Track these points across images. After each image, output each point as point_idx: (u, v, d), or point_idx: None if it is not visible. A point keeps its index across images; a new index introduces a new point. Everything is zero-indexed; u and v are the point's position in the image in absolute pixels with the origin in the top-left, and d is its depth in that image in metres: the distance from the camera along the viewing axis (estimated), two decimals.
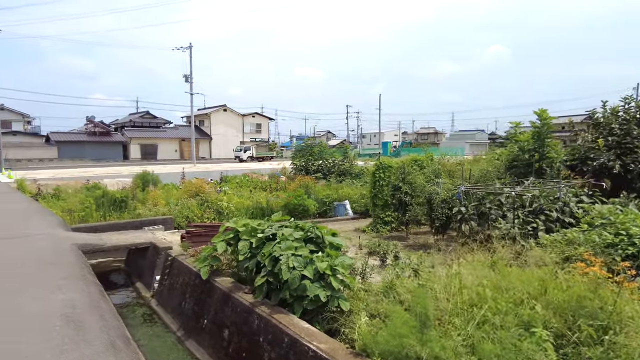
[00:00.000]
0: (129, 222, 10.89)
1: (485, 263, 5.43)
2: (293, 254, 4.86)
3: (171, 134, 57.47)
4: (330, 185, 19.07)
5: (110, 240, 8.41)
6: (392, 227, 11.63)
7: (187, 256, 7.20)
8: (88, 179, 22.27)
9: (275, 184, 23.07)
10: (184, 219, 11.97)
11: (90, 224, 10.42)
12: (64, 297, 4.75)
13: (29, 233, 8.38)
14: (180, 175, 26.53)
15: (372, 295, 5.34)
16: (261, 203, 15.30)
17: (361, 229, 11.92)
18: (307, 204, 14.18)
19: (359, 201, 15.96)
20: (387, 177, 11.56)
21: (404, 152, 70.32)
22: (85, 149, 49.35)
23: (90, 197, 12.95)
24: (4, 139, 42.89)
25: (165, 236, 9.42)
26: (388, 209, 11.65)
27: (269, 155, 58.21)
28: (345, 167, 25.25)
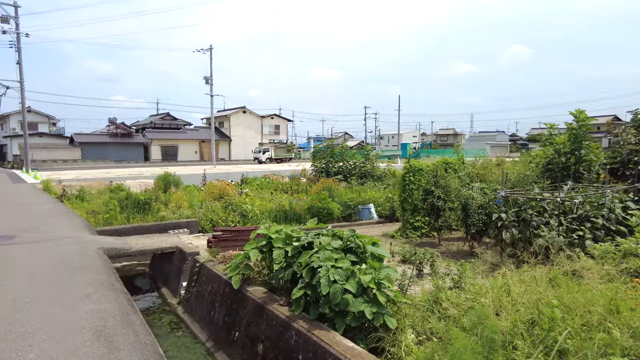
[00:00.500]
0: (154, 225, 10.74)
1: (542, 277, 4.99)
2: (333, 265, 4.52)
3: (191, 135, 57.93)
4: (352, 188, 18.71)
5: (136, 244, 8.23)
6: (422, 233, 11.20)
7: (216, 263, 6.94)
8: (111, 180, 22.45)
9: (296, 186, 22.85)
10: (208, 222, 11.78)
11: (115, 227, 10.29)
12: (93, 307, 4.52)
13: (56, 236, 8.26)
14: (202, 176, 26.59)
15: (414, 309, 4.98)
16: (284, 206, 15.04)
17: (389, 234, 11.51)
18: (332, 207, 13.85)
19: (384, 205, 15.56)
20: (417, 180, 11.14)
21: (423, 154, 69.36)
22: (108, 150, 50.10)
23: (115, 199, 12.89)
24: (31, 141, 43.85)
25: (191, 240, 9.20)
26: (418, 214, 11.22)
27: (287, 156, 58.13)
28: (367, 169, 24.82)
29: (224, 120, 61.19)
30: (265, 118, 64.71)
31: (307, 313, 4.68)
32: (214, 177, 27.29)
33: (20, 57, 35.23)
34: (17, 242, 7.77)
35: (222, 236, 8.33)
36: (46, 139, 49.89)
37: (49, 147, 47.13)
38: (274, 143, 62.63)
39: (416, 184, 11.10)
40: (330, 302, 4.31)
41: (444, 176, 10.28)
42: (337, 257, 4.67)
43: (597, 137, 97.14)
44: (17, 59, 35.39)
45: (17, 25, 35.30)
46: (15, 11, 35.00)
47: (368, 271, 4.48)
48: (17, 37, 35.20)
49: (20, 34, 35.32)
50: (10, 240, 7.86)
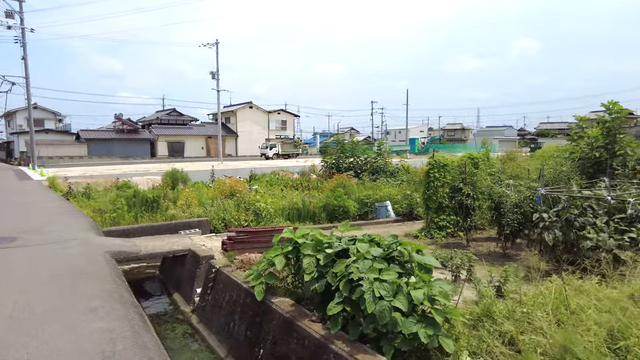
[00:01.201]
0: (163, 224, 10.17)
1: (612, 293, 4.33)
2: (377, 278, 3.89)
3: (197, 131, 57.43)
4: (365, 184, 18.07)
5: (146, 246, 7.65)
6: (447, 233, 10.54)
7: (234, 268, 6.33)
8: (118, 177, 21.95)
9: (307, 182, 22.22)
10: (220, 222, 11.19)
11: (123, 227, 9.73)
12: (100, 325, 3.92)
13: (60, 238, 7.70)
14: (210, 173, 26.03)
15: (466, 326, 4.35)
16: (297, 204, 14.43)
17: (412, 234, 10.86)
18: (348, 205, 13.23)
19: (401, 202, 14.90)
20: (442, 177, 10.46)
21: (432, 149, 68.62)
22: (114, 147, 49.72)
23: (122, 197, 12.33)
24: (37, 137, 43.54)
25: (204, 241, 8.61)
26: (443, 213, 10.56)
27: (294, 152, 57.51)
28: (379, 164, 24.14)
29: (231, 115, 60.61)
30: (272, 113, 64.04)
31: (345, 332, 4.06)
32: (222, 174, 26.74)
33: (26, 52, 34.75)
34: (19, 245, 7.21)
35: (238, 238, 7.73)
36: (52, 136, 49.60)
37: (55, 144, 46.82)
38: (281, 138, 61.96)
39: (441, 180, 10.42)
40: (376, 322, 3.69)
41: (473, 172, 9.60)
42: (381, 267, 4.04)
43: None
44: (22, 54, 34.89)
45: (22, 20, 34.79)
46: (20, 6, 34.50)
47: (418, 285, 3.85)
48: (22, 32, 34.72)
49: (25, 29, 34.82)
50: (12, 243, 7.31)
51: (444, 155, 11.29)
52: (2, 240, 7.54)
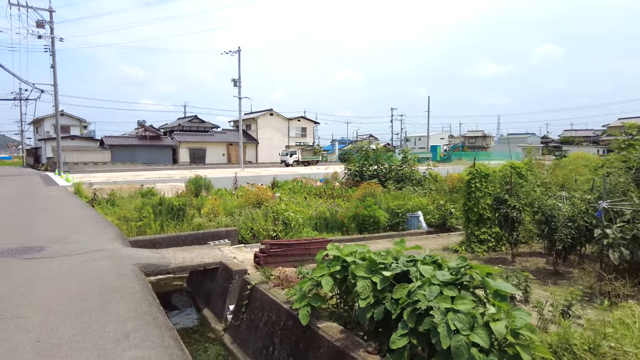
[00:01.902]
0: (191, 234, 9.82)
1: None
2: (450, 308, 3.37)
3: (219, 138, 57.74)
4: (390, 193, 17.47)
5: (175, 258, 7.28)
6: (489, 247, 9.90)
7: (271, 285, 5.89)
8: (142, 183, 21.92)
9: (331, 190, 21.77)
10: (248, 231, 10.80)
11: (150, 237, 9.42)
12: (135, 354, 3.52)
13: (88, 248, 7.42)
14: (232, 180, 25.84)
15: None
16: (324, 213, 13.97)
17: (450, 247, 10.26)
18: (378, 215, 12.69)
19: (433, 212, 14.29)
20: (484, 187, 9.85)
21: (455, 157, 67.15)
22: (137, 153, 50.30)
23: (148, 205, 12.09)
24: (64, 143, 44.36)
25: (234, 253, 8.21)
26: (484, 225, 9.93)
27: (314, 159, 57.21)
28: (405, 172, 23.51)
29: (251, 122, 60.80)
30: (292, 120, 64.01)
31: None
32: (244, 181, 26.52)
33: (55, 61, 35.50)
34: (47, 255, 6.93)
35: (271, 251, 7.30)
36: (78, 142, 50.51)
37: (80, 150, 47.64)
38: (300, 146, 61.78)
39: (482, 191, 9.81)
40: (450, 359, 3.17)
41: (520, 183, 8.97)
42: (453, 295, 3.52)
43: None
44: (52, 62, 35.67)
45: (52, 30, 35.60)
46: (50, 16, 35.30)
47: (497, 316, 3.32)
48: (51, 41, 35.51)
49: (54, 38, 35.60)
50: (40, 253, 7.05)
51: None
52: (31, 250, 7.29)
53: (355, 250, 4.84)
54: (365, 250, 4.81)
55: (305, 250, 7.70)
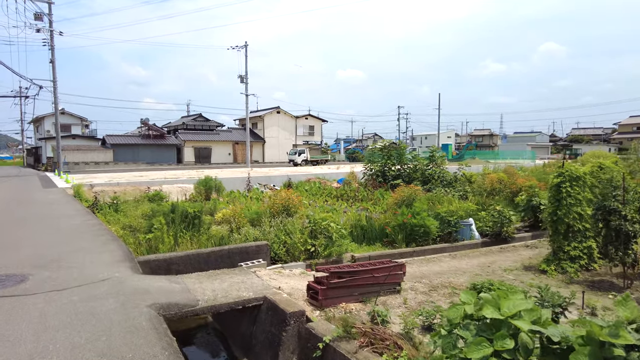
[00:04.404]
0: (214, 251, 7.94)
1: None
2: None
3: (224, 136, 55.87)
4: (418, 195, 15.53)
5: (203, 292, 5.40)
6: (581, 265, 8.00)
7: (356, 346, 3.98)
8: (148, 185, 20.09)
9: (354, 192, 19.90)
10: (281, 246, 8.89)
11: (164, 256, 7.53)
12: None
13: (87, 277, 5.56)
14: (244, 180, 23.99)
15: None
16: (360, 221, 12.09)
17: (533, 266, 8.35)
18: (429, 224, 10.77)
19: (485, 219, 12.39)
20: (576, 193, 7.94)
21: (467, 156, 65.01)
22: (140, 152, 48.48)
23: (159, 213, 10.21)
24: (64, 143, 42.57)
25: (276, 280, 6.32)
26: (574, 239, 8.03)
27: (323, 158, 55.29)
28: (432, 172, 21.60)
29: (258, 121, 58.90)
30: (300, 118, 62.08)
31: None
32: (256, 182, 24.71)
33: (54, 55, 33.65)
34: (29, 290, 5.06)
35: (333, 283, 5.40)
36: (79, 141, 48.71)
37: (81, 149, 45.83)
38: (308, 144, 59.87)
39: (575, 197, 7.90)
40: None
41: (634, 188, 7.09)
42: None
43: None
44: (50, 57, 33.83)
45: (51, 23, 33.74)
46: (49, 7, 33.45)
47: None
48: (50, 34, 33.66)
49: (53, 31, 33.76)
50: (19, 287, 5.17)
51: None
52: (8, 281, 5.42)
53: (520, 308, 2.93)
54: (541, 314, 2.90)
55: (374, 279, 5.81)
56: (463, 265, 8.66)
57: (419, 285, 6.79)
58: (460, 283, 7.02)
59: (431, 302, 5.91)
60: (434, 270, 8.12)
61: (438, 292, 6.43)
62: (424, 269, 8.15)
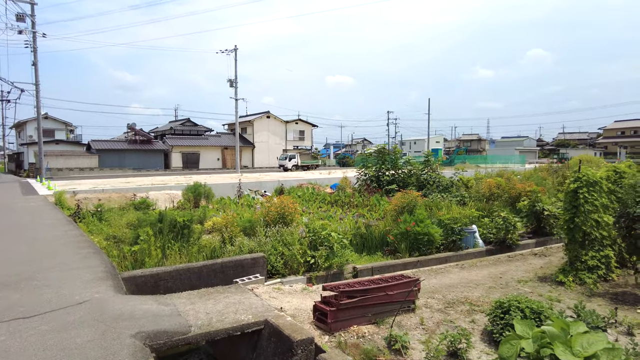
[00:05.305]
0: (206, 265, 7.27)
1: None
2: None
3: (213, 141, 54.97)
4: (418, 202, 15.02)
5: (196, 315, 4.75)
6: (599, 275, 7.52)
7: None
8: (134, 192, 19.24)
9: (349, 198, 19.34)
10: (278, 257, 8.25)
11: (151, 271, 6.84)
12: None
13: (62, 299, 4.86)
14: (234, 186, 23.29)
15: None
16: (359, 228, 11.52)
17: (548, 276, 7.84)
18: (433, 232, 10.23)
19: (488, 225, 11.93)
20: (594, 199, 7.47)
21: (457, 160, 64.98)
22: (126, 158, 47.34)
23: (145, 223, 9.49)
24: (47, 148, 41.30)
25: (276, 299, 5.69)
26: (591, 247, 7.56)
27: (314, 163, 54.78)
28: (427, 177, 21.16)
29: (247, 125, 58.13)
30: (290, 123, 61.48)
31: None
32: (246, 188, 24.02)
33: (36, 57, 32.62)
34: None
35: (343, 303, 4.79)
36: (63, 146, 47.40)
37: (65, 155, 44.53)
38: (299, 149, 59.30)
39: (592, 203, 7.43)
40: None
41: None
42: None
43: (634, 142, 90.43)
44: (33, 59, 32.78)
45: (33, 24, 32.74)
46: (32, 9, 32.46)
47: None
48: (33, 36, 32.65)
49: (36, 32, 32.75)
50: None
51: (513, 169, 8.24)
52: None
53: (598, 348, 2.36)
54: (626, 357, 2.34)
55: (387, 298, 5.21)
56: (473, 276, 8.12)
57: (433, 301, 6.21)
58: (476, 298, 6.46)
59: (450, 322, 5.33)
60: (445, 283, 7.55)
61: (455, 310, 5.86)
62: (434, 282, 7.58)
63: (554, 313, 4.77)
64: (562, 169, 27.30)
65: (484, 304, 6.09)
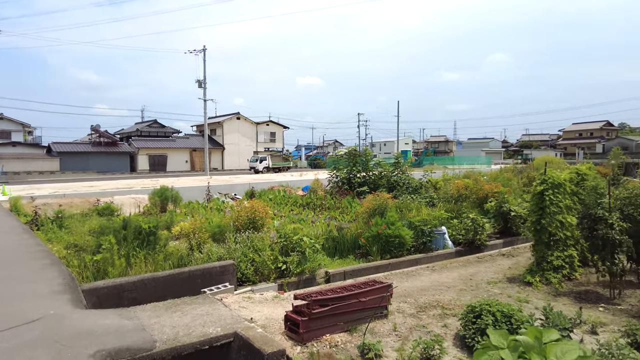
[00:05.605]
0: (172, 274, 6.99)
1: None
2: None
3: (181, 143, 53.80)
4: (389, 204, 15.14)
5: (161, 329, 4.52)
6: (563, 274, 7.75)
7: None
8: (98, 197, 18.48)
9: (321, 201, 19.27)
10: (249, 264, 8.05)
11: (114, 282, 6.52)
12: None
13: (14, 318, 4.52)
14: (202, 190, 22.77)
15: None
16: (331, 231, 11.46)
17: (516, 277, 8.00)
18: (404, 234, 10.28)
19: (457, 227, 12.11)
20: (558, 200, 7.69)
21: (426, 162, 66.18)
22: (90, 161, 45.63)
23: (108, 230, 9.07)
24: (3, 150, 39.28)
25: (246, 308, 5.51)
26: (556, 248, 7.77)
27: (285, 165, 54.49)
28: (397, 179, 21.37)
29: (217, 127, 57.22)
30: (261, 125, 60.98)
31: None
32: (216, 191, 23.54)
33: None
34: None
35: (315, 312, 4.68)
36: (20, 149, 45.18)
37: (23, 158, 42.46)
38: (270, 151, 58.87)
39: (557, 205, 7.64)
40: None
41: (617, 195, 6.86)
42: None
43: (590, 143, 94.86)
44: None
45: None
46: None
47: None
48: None
49: None
50: None
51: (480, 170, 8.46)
52: None
53: (573, 357, 2.35)
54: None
55: (361, 305, 5.14)
56: (444, 278, 8.19)
57: (405, 305, 6.20)
58: (448, 301, 6.49)
59: (423, 327, 5.32)
60: (417, 286, 7.57)
61: (427, 314, 5.85)
62: (407, 285, 7.59)
63: (524, 315, 4.83)
64: (526, 169, 28.25)
65: (455, 307, 6.12)
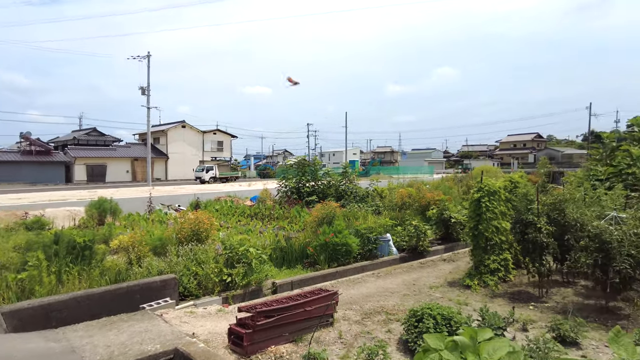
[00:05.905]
0: (109, 290, 6.58)
1: None
2: None
3: (122, 152, 51.30)
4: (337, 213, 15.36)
5: (94, 350, 4.22)
6: (499, 277, 8.20)
7: None
8: (26, 210, 17.09)
9: (269, 211, 19.08)
10: (191, 278, 7.76)
11: (41, 301, 6.02)
12: None
13: None
14: (144, 201, 21.78)
15: None
16: (279, 241, 11.36)
17: (457, 281, 8.34)
18: (351, 242, 10.41)
19: (401, 233, 12.45)
20: (494, 207, 8.14)
21: (373, 171, 67.80)
22: (20, 170, 42.26)
23: (37, 245, 8.39)
24: None
25: (188, 323, 5.29)
26: (492, 252, 8.22)
27: (233, 175, 53.63)
28: (345, 188, 21.68)
29: (161, 135, 55.20)
30: (207, 134, 59.60)
31: None
32: (158, 202, 22.61)
33: None
34: None
35: (260, 324, 4.59)
36: None
37: None
38: (217, 161, 57.64)
39: (492, 211, 8.08)
40: None
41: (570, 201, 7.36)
42: None
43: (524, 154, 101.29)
44: None
45: None
46: None
47: None
48: None
49: None
50: None
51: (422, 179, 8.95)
52: None
53: (502, 353, 2.47)
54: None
55: (306, 314, 5.12)
56: (389, 284, 8.37)
57: (351, 313, 6.25)
58: (392, 306, 6.63)
59: (368, 334, 5.38)
60: (362, 292, 7.67)
61: (372, 320, 5.94)
62: (352, 293, 7.67)
63: (462, 317, 5.03)
64: (465, 178, 29.71)
65: (399, 312, 6.26)
